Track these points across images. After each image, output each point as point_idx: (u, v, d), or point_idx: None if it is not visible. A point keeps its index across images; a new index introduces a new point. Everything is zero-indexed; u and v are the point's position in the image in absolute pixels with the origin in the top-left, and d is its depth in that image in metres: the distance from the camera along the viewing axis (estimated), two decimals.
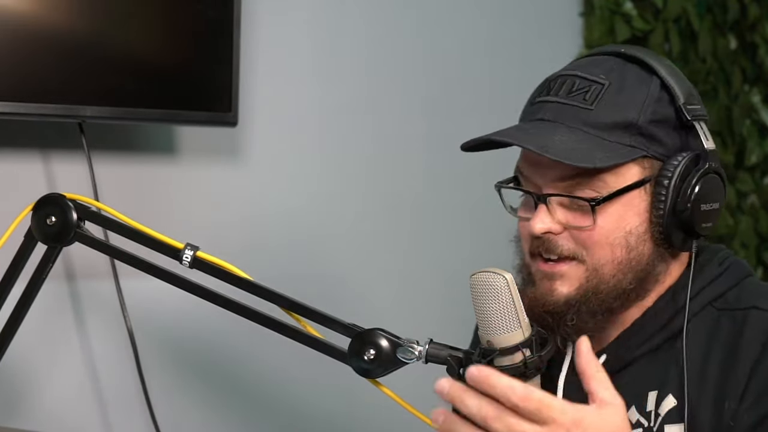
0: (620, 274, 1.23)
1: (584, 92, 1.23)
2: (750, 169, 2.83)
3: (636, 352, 1.26)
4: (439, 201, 2.22)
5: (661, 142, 1.23)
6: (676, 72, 1.26)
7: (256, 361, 1.93)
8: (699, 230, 1.23)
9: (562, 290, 1.24)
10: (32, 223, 1.28)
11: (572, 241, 1.23)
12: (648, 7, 2.58)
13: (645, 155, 1.22)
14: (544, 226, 1.23)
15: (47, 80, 1.53)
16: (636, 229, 1.23)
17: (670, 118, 1.23)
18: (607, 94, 1.22)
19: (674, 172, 1.21)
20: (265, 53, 1.93)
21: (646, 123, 1.22)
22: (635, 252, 1.23)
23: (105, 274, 1.69)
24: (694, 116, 1.23)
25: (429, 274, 2.22)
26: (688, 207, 1.21)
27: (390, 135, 2.15)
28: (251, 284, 1.23)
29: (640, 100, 1.22)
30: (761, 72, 2.83)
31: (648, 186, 1.23)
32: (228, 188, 1.91)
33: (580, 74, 1.25)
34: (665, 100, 1.23)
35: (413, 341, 1.19)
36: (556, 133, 1.22)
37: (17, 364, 1.60)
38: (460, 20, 2.27)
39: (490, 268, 1.16)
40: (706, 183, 1.22)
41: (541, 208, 1.23)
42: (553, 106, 1.24)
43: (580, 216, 1.23)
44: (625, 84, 1.23)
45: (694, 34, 2.69)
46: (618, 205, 1.22)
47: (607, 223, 1.22)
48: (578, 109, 1.23)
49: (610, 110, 1.22)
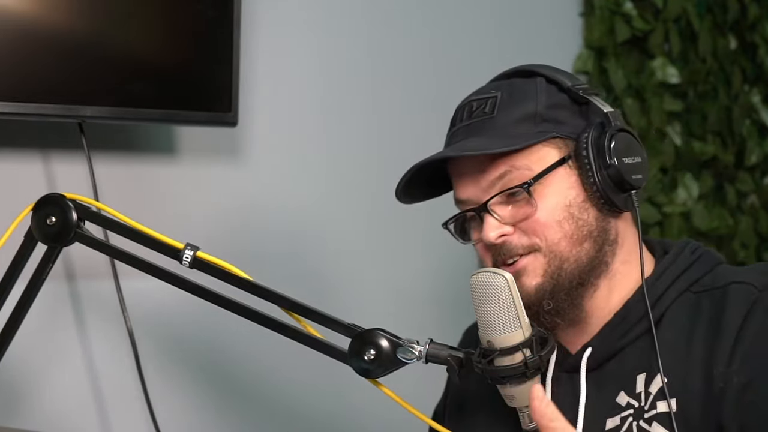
0: (577, 246, 1.29)
1: (483, 107, 1.34)
2: (750, 169, 2.84)
3: (619, 342, 1.31)
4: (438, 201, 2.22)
5: (566, 123, 1.32)
6: (555, 68, 1.37)
7: (256, 361, 1.93)
8: (631, 181, 1.29)
9: (530, 282, 1.29)
10: (32, 223, 1.28)
11: (525, 236, 1.29)
12: (648, 7, 2.58)
13: (555, 135, 1.30)
14: (496, 231, 1.30)
15: (47, 80, 1.53)
16: (575, 200, 1.29)
17: (565, 102, 1.33)
18: (503, 100, 1.33)
19: (588, 140, 1.29)
20: (265, 53, 1.93)
21: (545, 110, 1.31)
22: (581, 221, 1.29)
23: (105, 274, 1.69)
24: (585, 92, 1.32)
25: (429, 273, 2.22)
26: (611, 163, 1.28)
27: (390, 135, 2.15)
28: (251, 284, 1.23)
29: (531, 94, 1.33)
30: (761, 72, 2.84)
31: (571, 161, 1.30)
32: (228, 188, 1.91)
33: (473, 98, 1.37)
34: (554, 90, 1.33)
35: (413, 341, 1.19)
36: (467, 142, 1.32)
37: (17, 364, 1.60)
38: (460, 20, 2.27)
39: (490, 268, 1.17)
40: (619, 139, 1.29)
41: (487, 218, 1.31)
42: (462, 129, 1.35)
43: (522, 208, 1.29)
44: (514, 89, 1.34)
45: (694, 34, 2.69)
46: (550, 184, 1.29)
47: (547, 203, 1.29)
48: (483, 120, 1.33)
49: (510, 111, 1.32)
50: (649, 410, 1.27)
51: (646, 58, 2.61)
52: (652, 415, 1.26)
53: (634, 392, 1.28)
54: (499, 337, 1.15)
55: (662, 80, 2.60)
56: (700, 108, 2.71)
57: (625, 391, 1.29)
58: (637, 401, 1.28)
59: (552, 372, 1.34)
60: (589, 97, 1.32)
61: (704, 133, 2.72)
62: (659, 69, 2.61)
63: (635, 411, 1.27)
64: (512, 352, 1.15)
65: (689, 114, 2.68)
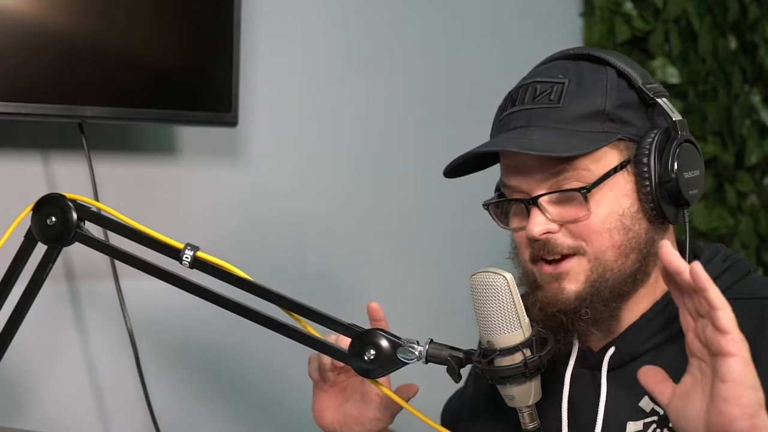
0: (622, 257, 1.25)
1: (548, 93, 1.27)
2: (750, 169, 2.83)
3: (647, 344, 1.27)
4: (439, 201, 2.22)
5: (632, 124, 1.26)
6: (627, 59, 1.31)
7: (256, 361, 1.93)
8: (687, 198, 1.26)
9: (570, 287, 1.25)
10: (32, 223, 1.27)
11: (570, 236, 1.25)
12: (648, 7, 2.58)
13: (620, 138, 1.25)
14: (541, 227, 1.25)
15: (47, 80, 1.53)
16: (628, 210, 1.25)
17: (633, 101, 1.27)
18: (570, 90, 1.26)
19: (651, 148, 1.24)
20: (265, 53, 1.93)
21: (613, 108, 1.25)
22: (632, 232, 1.25)
23: (105, 274, 1.69)
24: (655, 93, 1.27)
25: (429, 273, 2.22)
26: (672, 177, 1.24)
27: (389, 135, 2.15)
28: (251, 284, 1.23)
29: (601, 88, 1.26)
30: (761, 72, 2.84)
31: (629, 167, 1.26)
32: (228, 188, 1.91)
33: (539, 79, 1.29)
34: (624, 86, 1.27)
35: (413, 341, 1.19)
36: (531, 134, 1.25)
37: (17, 364, 1.60)
38: (460, 20, 2.27)
39: (490, 268, 1.17)
40: (683, 152, 1.25)
41: (534, 212, 1.25)
42: (523, 113, 1.28)
43: (574, 209, 1.25)
44: (583, 78, 1.28)
45: (694, 34, 2.69)
46: (606, 190, 1.24)
47: (600, 210, 1.24)
48: (546, 109, 1.26)
49: (577, 103, 1.26)
50: None
51: (646, 58, 2.61)
52: None
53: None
54: (499, 337, 1.15)
55: (662, 80, 2.60)
56: (700, 108, 2.71)
57: (649, 397, 1.24)
58: (662, 409, 1.23)
59: (572, 368, 1.31)
60: (659, 99, 1.27)
61: (704, 133, 2.72)
62: (659, 69, 2.61)
63: (660, 418, 1.24)
64: (512, 353, 1.15)
65: (689, 114, 2.68)
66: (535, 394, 1.18)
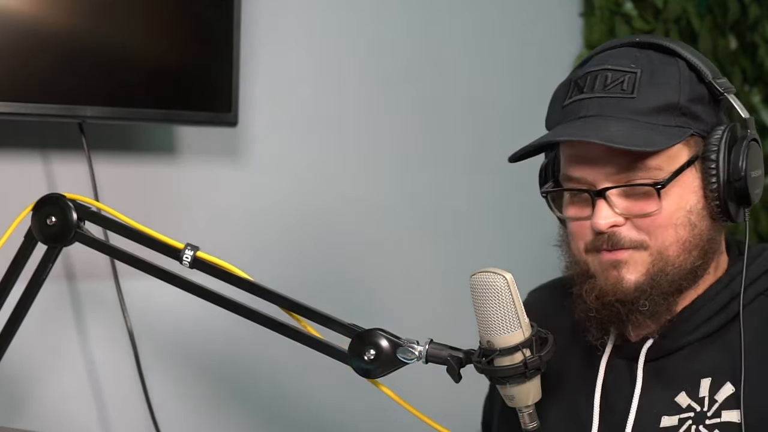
0: (685, 253, 1.24)
1: (620, 83, 1.24)
2: None
3: (686, 338, 1.26)
4: (439, 201, 2.22)
5: (701, 119, 1.25)
6: (696, 51, 1.28)
7: (256, 361, 1.93)
8: (753, 196, 1.25)
9: (630, 277, 1.23)
10: (32, 223, 1.28)
11: (635, 230, 1.23)
12: (648, 7, 2.58)
13: (692, 133, 1.24)
14: (608, 220, 1.22)
15: (47, 80, 1.53)
16: (695, 207, 1.24)
17: (704, 95, 1.25)
18: (643, 81, 1.23)
19: (720, 146, 1.23)
20: (265, 53, 1.93)
21: (686, 102, 1.23)
22: (697, 229, 1.24)
23: (105, 274, 1.69)
24: (725, 89, 1.25)
25: (429, 273, 2.22)
26: (741, 176, 1.23)
27: (389, 135, 2.15)
28: (251, 284, 1.23)
29: (675, 81, 1.24)
30: (761, 72, 2.83)
31: (697, 163, 1.24)
32: (228, 188, 1.91)
33: (610, 67, 1.25)
34: (695, 79, 1.25)
35: (413, 341, 1.19)
36: (608, 125, 1.22)
37: (17, 364, 1.60)
38: (460, 20, 2.27)
39: (490, 268, 1.16)
40: (751, 151, 1.24)
41: (600, 204, 1.23)
42: (594, 101, 1.24)
43: (643, 203, 1.23)
44: (656, 69, 1.25)
45: (694, 35, 2.68)
46: (676, 186, 1.23)
47: (670, 205, 1.23)
48: (620, 99, 1.23)
49: (651, 95, 1.23)
50: (712, 417, 1.23)
51: None
52: (716, 423, 1.22)
53: (696, 396, 1.24)
54: (499, 337, 1.15)
55: None
56: None
57: (686, 393, 1.24)
58: (699, 405, 1.24)
59: (608, 357, 1.30)
60: (728, 94, 1.26)
61: None
62: None
63: (696, 415, 1.23)
64: (512, 352, 1.15)
65: None
66: (534, 394, 1.18)
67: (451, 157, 2.22)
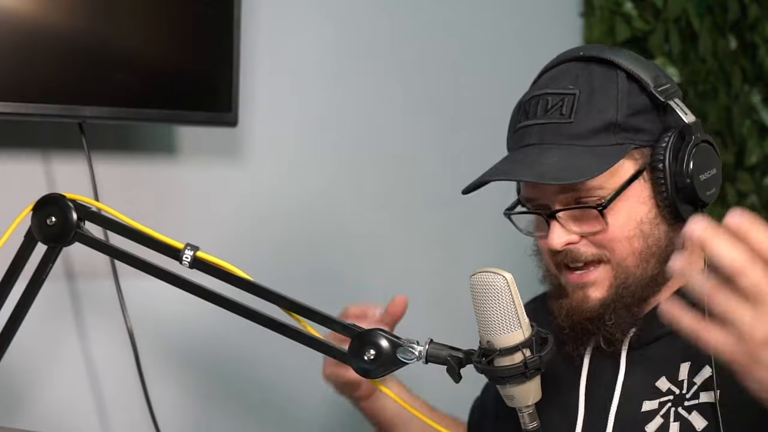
0: (644, 263, 1.27)
1: (559, 107, 1.28)
2: (750, 169, 2.83)
3: (663, 329, 1.29)
4: (439, 201, 2.22)
5: (645, 130, 1.27)
6: (638, 59, 1.32)
7: (255, 361, 1.93)
8: (704, 198, 1.27)
9: (595, 295, 1.29)
10: (32, 223, 1.27)
11: (592, 245, 1.28)
12: (648, 7, 2.58)
13: (634, 147, 1.26)
14: (561, 240, 1.28)
15: (47, 80, 1.53)
16: (646, 216, 1.27)
17: (645, 106, 1.28)
18: (581, 103, 1.27)
19: (665, 154, 1.25)
20: (265, 53, 1.93)
21: (624, 118, 1.26)
22: (652, 238, 1.27)
23: (105, 274, 1.69)
24: (667, 96, 1.27)
25: (429, 273, 2.22)
26: (688, 182, 1.25)
27: (389, 135, 2.15)
28: (251, 284, 1.23)
29: (612, 98, 1.27)
30: (761, 72, 2.83)
31: (645, 174, 1.27)
32: (228, 188, 1.91)
33: (550, 91, 1.30)
34: (635, 91, 1.28)
35: (413, 341, 1.19)
36: (546, 155, 1.26)
37: (17, 364, 1.60)
38: (460, 20, 2.27)
39: (489, 268, 1.17)
40: (698, 154, 1.26)
41: (554, 225, 1.28)
42: (536, 128, 1.29)
43: (592, 221, 1.27)
44: (594, 87, 1.28)
45: (694, 35, 2.69)
46: (623, 200, 1.26)
47: (618, 220, 1.26)
48: (558, 125, 1.27)
49: (589, 117, 1.26)
50: (690, 399, 1.26)
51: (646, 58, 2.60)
52: (694, 404, 1.26)
53: (676, 379, 1.28)
54: (499, 337, 1.15)
55: None
56: (700, 108, 2.71)
57: (666, 377, 1.28)
58: (678, 388, 1.27)
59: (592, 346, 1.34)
60: (670, 101, 1.28)
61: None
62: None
63: (675, 397, 1.27)
64: (512, 353, 1.15)
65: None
66: (534, 394, 1.18)
67: (454, 156, 2.22)
